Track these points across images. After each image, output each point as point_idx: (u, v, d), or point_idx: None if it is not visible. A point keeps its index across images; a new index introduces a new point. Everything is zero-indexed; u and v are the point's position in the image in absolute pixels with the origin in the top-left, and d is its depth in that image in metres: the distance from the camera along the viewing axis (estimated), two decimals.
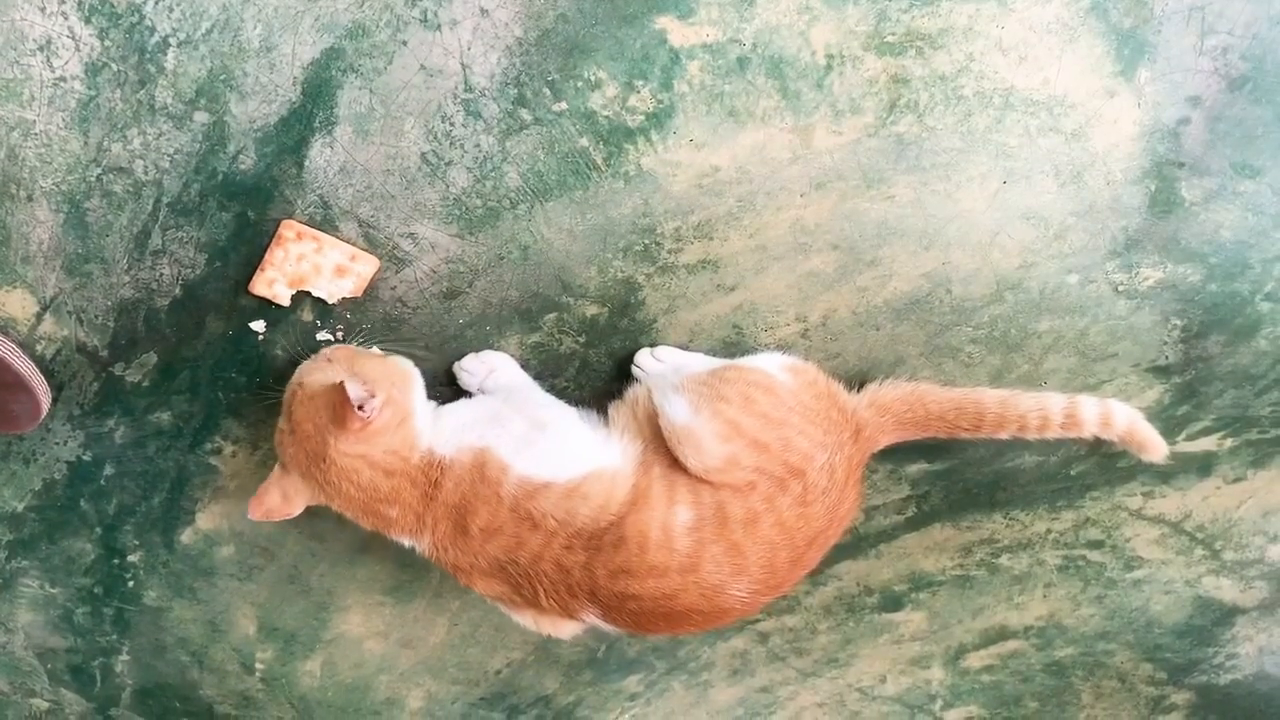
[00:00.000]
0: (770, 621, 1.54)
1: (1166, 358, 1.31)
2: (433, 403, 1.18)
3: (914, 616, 1.55)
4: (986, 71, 1.15)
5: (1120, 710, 1.67)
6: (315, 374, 1.14)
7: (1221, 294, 1.27)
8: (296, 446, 1.13)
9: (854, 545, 1.47)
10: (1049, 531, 1.47)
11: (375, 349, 1.23)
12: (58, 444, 1.36)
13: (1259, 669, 1.63)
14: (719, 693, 1.63)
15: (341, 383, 1.05)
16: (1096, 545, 1.48)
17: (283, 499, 1.16)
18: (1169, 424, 1.35)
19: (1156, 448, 1.23)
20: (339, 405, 1.06)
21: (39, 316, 1.24)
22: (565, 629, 1.17)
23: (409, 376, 1.15)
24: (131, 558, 1.46)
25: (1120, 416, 1.22)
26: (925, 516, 1.44)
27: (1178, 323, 1.29)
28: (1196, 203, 1.22)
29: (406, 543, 1.16)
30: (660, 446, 1.12)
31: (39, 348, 1.26)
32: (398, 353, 1.22)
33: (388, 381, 1.11)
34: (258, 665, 1.57)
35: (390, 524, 1.14)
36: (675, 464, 1.11)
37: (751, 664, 1.59)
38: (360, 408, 1.06)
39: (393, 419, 1.10)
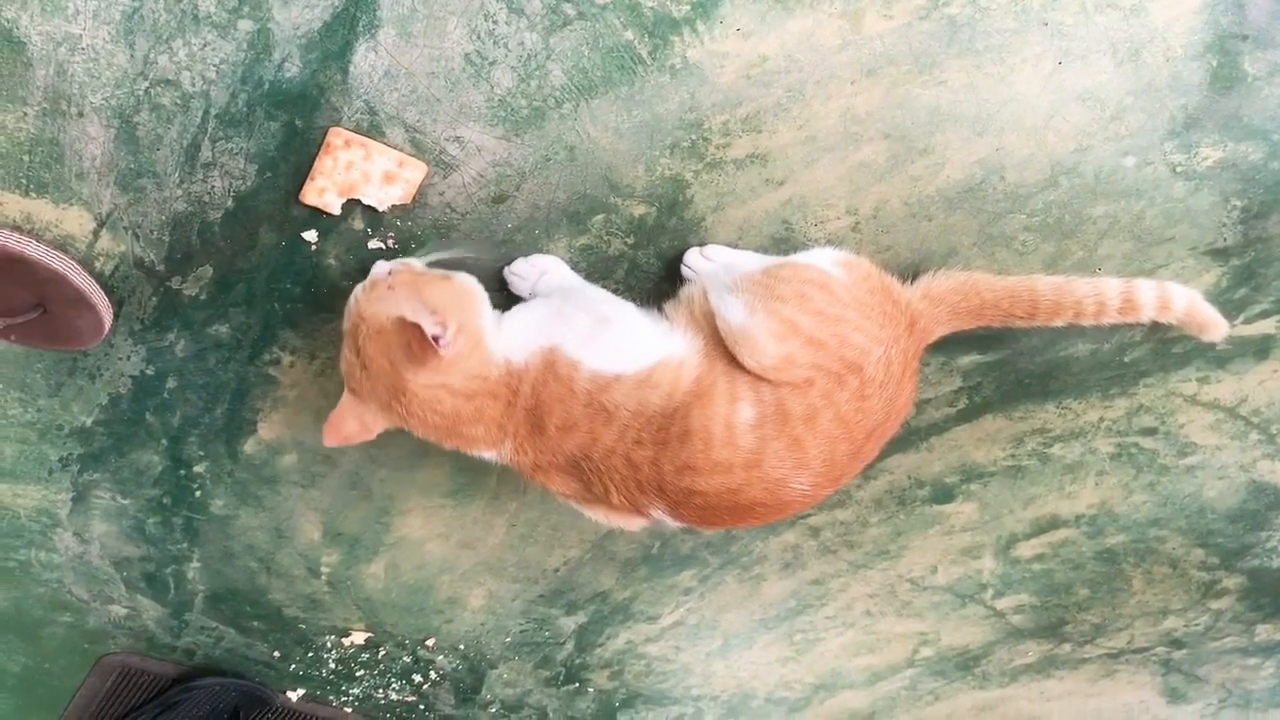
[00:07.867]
0: (821, 516, 1.56)
1: (1225, 240, 1.29)
2: (496, 311, 1.17)
3: (965, 508, 1.56)
4: None
5: (1171, 595, 1.69)
6: (378, 305, 1.11)
7: None
8: (373, 382, 1.12)
9: (905, 439, 1.47)
10: (1102, 420, 1.46)
11: (427, 261, 1.20)
12: (121, 359, 1.39)
13: None
14: (771, 586, 1.66)
15: (416, 322, 1.04)
16: (1150, 432, 1.48)
17: (361, 427, 1.16)
18: (1226, 307, 1.33)
19: (1217, 327, 1.23)
20: (417, 343, 1.05)
21: (96, 233, 1.26)
22: (635, 523, 1.19)
23: (474, 297, 1.14)
24: (197, 468, 1.50)
25: (1178, 298, 1.21)
26: (977, 408, 1.45)
27: (1237, 203, 1.26)
28: (1260, 77, 1.18)
29: (487, 455, 1.17)
30: (719, 343, 1.13)
31: (98, 264, 1.28)
32: (458, 261, 1.22)
33: (457, 307, 1.09)
34: (323, 569, 1.62)
35: (474, 442, 1.14)
36: (735, 361, 1.11)
37: (803, 557, 1.62)
38: (435, 340, 1.05)
39: (466, 345, 1.09)
